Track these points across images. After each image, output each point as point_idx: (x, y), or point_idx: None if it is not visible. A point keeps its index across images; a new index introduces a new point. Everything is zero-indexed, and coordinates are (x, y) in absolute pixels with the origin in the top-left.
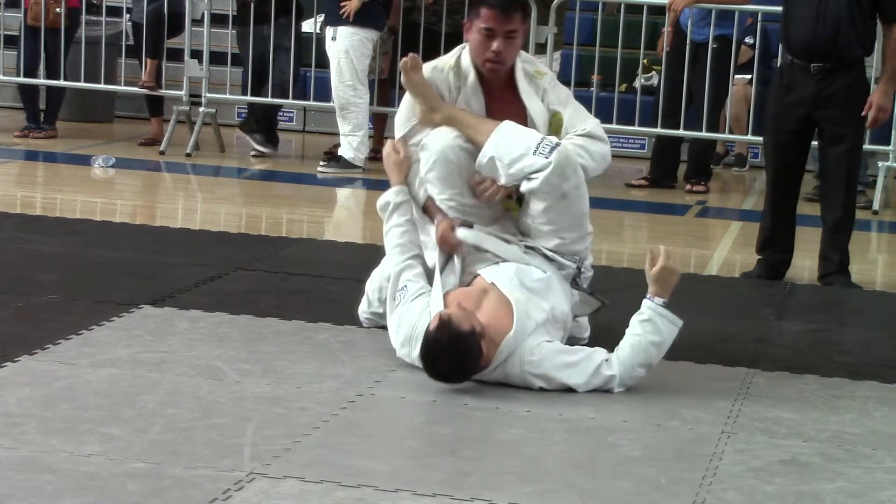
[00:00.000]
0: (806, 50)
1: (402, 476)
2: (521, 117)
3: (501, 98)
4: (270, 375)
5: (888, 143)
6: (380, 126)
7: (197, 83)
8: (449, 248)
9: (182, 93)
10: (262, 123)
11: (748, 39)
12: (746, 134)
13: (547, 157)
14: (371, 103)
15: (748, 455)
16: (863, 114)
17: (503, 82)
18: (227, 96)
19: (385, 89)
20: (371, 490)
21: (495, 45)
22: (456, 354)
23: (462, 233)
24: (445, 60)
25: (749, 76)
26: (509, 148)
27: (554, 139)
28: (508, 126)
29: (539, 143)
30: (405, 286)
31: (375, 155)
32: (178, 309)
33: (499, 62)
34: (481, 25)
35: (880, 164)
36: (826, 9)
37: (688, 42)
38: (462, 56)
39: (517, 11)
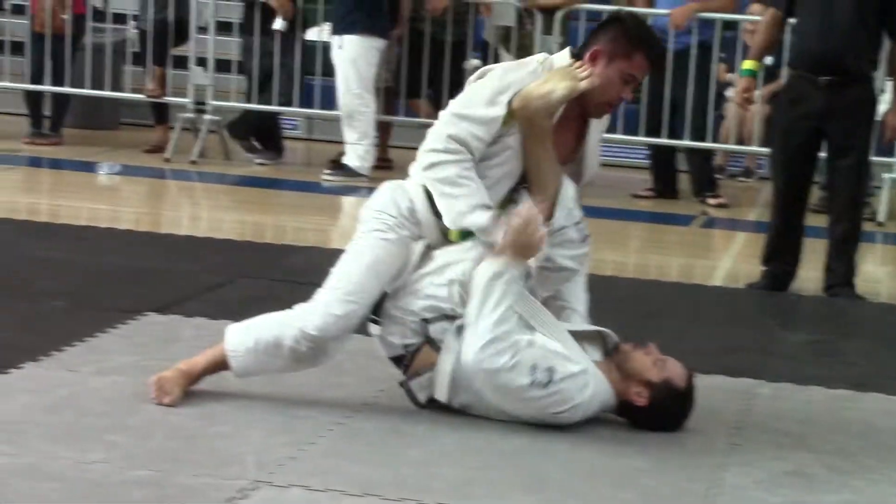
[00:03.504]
0: (815, 63)
1: (408, 485)
2: (575, 151)
3: (565, 125)
4: (275, 383)
5: (892, 156)
6: (384, 135)
7: (202, 91)
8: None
9: (187, 100)
10: (254, 131)
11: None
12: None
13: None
14: (376, 112)
15: (753, 467)
16: (884, 137)
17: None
18: (233, 104)
19: (389, 98)
20: (376, 499)
21: (627, 92)
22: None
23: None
24: (533, 61)
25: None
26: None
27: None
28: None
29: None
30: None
31: (381, 164)
32: (184, 316)
33: (615, 107)
34: (628, 71)
35: (885, 175)
36: (833, 22)
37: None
38: (555, 64)
39: None
